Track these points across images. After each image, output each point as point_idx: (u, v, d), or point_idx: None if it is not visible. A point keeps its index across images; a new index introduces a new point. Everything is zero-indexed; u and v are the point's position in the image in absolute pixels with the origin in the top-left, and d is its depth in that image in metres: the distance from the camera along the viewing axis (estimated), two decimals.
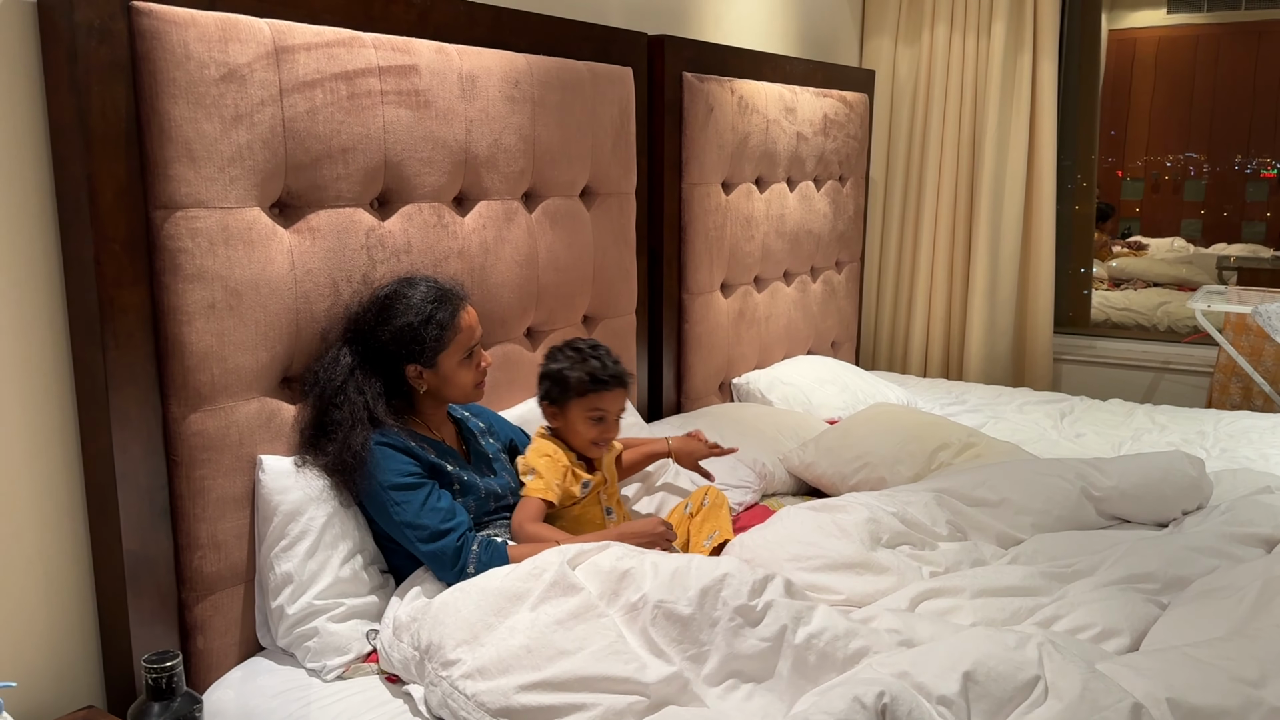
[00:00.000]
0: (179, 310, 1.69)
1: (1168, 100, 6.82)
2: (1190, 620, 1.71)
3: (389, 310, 1.87)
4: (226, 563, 1.80)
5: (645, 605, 1.61)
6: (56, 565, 1.70)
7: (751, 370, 3.36)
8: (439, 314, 1.88)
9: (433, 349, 1.88)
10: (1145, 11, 6.86)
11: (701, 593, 1.61)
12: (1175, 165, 6.75)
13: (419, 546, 1.81)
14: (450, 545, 1.80)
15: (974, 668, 1.39)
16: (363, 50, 1.95)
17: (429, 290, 1.90)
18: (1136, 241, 6.48)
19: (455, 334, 1.90)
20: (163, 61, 1.63)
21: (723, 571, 1.64)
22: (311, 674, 1.76)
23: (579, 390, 2.07)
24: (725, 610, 1.60)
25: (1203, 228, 6.74)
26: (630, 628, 1.61)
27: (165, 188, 1.66)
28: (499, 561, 1.82)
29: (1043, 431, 3.18)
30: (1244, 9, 6.64)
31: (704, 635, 1.59)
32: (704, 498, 2.21)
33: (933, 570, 2.00)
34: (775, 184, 3.40)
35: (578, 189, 2.59)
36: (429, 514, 1.81)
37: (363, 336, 1.88)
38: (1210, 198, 6.71)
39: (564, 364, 2.10)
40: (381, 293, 1.91)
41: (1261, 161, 6.43)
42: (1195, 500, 2.27)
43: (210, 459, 1.75)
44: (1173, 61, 6.83)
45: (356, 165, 1.96)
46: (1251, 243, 6.29)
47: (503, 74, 2.28)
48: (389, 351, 1.87)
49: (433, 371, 1.91)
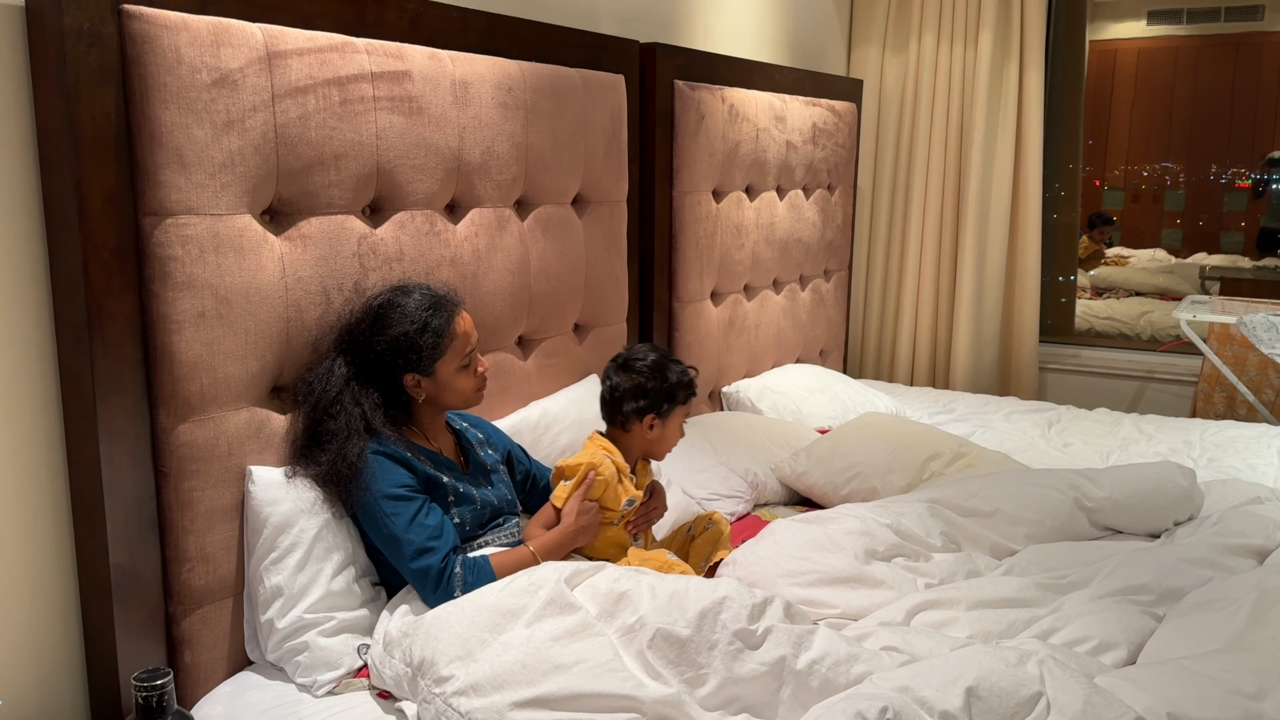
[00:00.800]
0: (168, 319, 1.66)
1: (1147, 111, 6.88)
2: (1186, 633, 1.71)
3: (384, 319, 1.85)
4: (215, 575, 1.77)
5: (642, 627, 1.58)
6: (40, 578, 1.66)
7: (741, 379, 3.35)
8: (434, 321, 1.85)
9: (430, 357, 1.86)
10: (1126, 23, 6.93)
11: (700, 615, 1.58)
12: (1154, 175, 6.81)
13: (405, 563, 1.78)
14: (434, 564, 1.77)
15: (976, 683, 1.38)
16: (355, 56, 1.93)
17: (423, 298, 1.87)
18: (1119, 255, 6.56)
19: (452, 340, 1.88)
20: (154, 66, 1.61)
21: (721, 594, 1.62)
22: (302, 689, 1.73)
23: (683, 399, 2.10)
24: (724, 633, 1.57)
25: (1183, 237, 6.80)
26: (626, 650, 1.59)
27: (155, 194, 1.63)
28: (485, 580, 1.79)
29: (1031, 441, 3.18)
30: (1223, 21, 6.71)
31: (702, 658, 1.55)
32: (706, 523, 2.20)
33: (927, 582, 1.99)
34: (765, 192, 3.39)
35: (569, 197, 2.57)
36: (416, 529, 1.78)
37: (358, 346, 1.86)
38: (1189, 208, 6.77)
39: (660, 377, 2.07)
40: (375, 302, 1.88)
41: (1236, 171, 6.50)
42: (1187, 511, 2.28)
43: (199, 470, 1.72)
44: (1152, 72, 6.89)
45: (349, 172, 1.93)
46: (1230, 252, 6.36)
47: (495, 81, 2.26)
48: (385, 361, 1.85)
49: (431, 380, 1.88)
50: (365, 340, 1.85)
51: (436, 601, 1.76)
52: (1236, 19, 6.60)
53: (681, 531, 2.22)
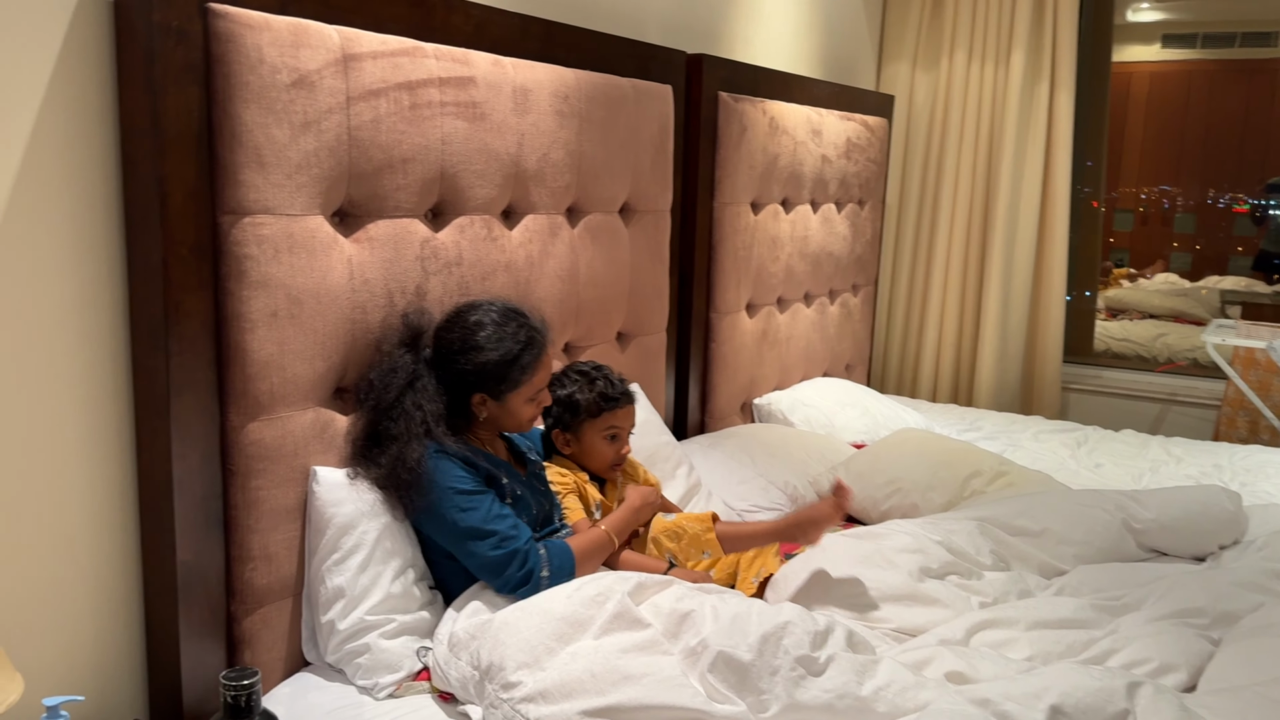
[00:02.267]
0: (242, 317, 1.66)
1: (1159, 134, 6.92)
2: (1247, 657, 1.71)
3: (475, 339, 1.85)
4: (276, 575, 1.76)
5: (705, 650, 1.57)
6: (106, 575, 1.66)
7: (772, 391, 3.36)
8: (525, 358, 1.87)
9: (509, 388, 1.88)
10: (1140, 46, 6.97)
11: (762, 639, 1.57)
12: (1158, 197, 6.84)
13: (485, 553, 1.78)
14: (520, 549, 1.78)
15: (1061, 700, 1.38)
16: (425, 60, 1.94)
17: (519, 329, 1.88)
18: (1130, 273, 6.59)
19: (533, 376, 1.90)
20: (237, 65, 1.61)
21: (784, 619, 1.61)
22: (362, 691, 1.73)
23: (592, 411, 2.11)
24: (786, 659, 1.55)
25: (1193, 261, 6.83)
26: (690, 672, 1.59)
27: (234, 193, 1.63)
28: (568, 563, 1.82)
29: (1061, 461, 3.19)
30: (1237, 46, 6.76)
31: (764, 683, 1.54)
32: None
33: (981, 600, 1.99)
34: (800, 205, 3.40)
35: (618, 205, 2.58)
36: (497, 520, 1.79)
37: (440, 358, 1.87)
38: (1200, 231, 6.81)
39: (572, 388, 2.13)
40: (471, 317, 1.88)
41: (1234, 196, 6.54)
42: (1233, 535, 2.29)
43: (266, 469, 1.72)
44: (1165, 96, 6.93)
45: (415, 175, 1.94)
46: (1238, 275, 6.39)
47: (553, 88, 2.26)
48: (463, 379, 1.86)
49: (498, 404, 1.89)
50: (449, 353, 1.86)
51: (519, 587, 1.76)
52: (1251, 44, 6.64)
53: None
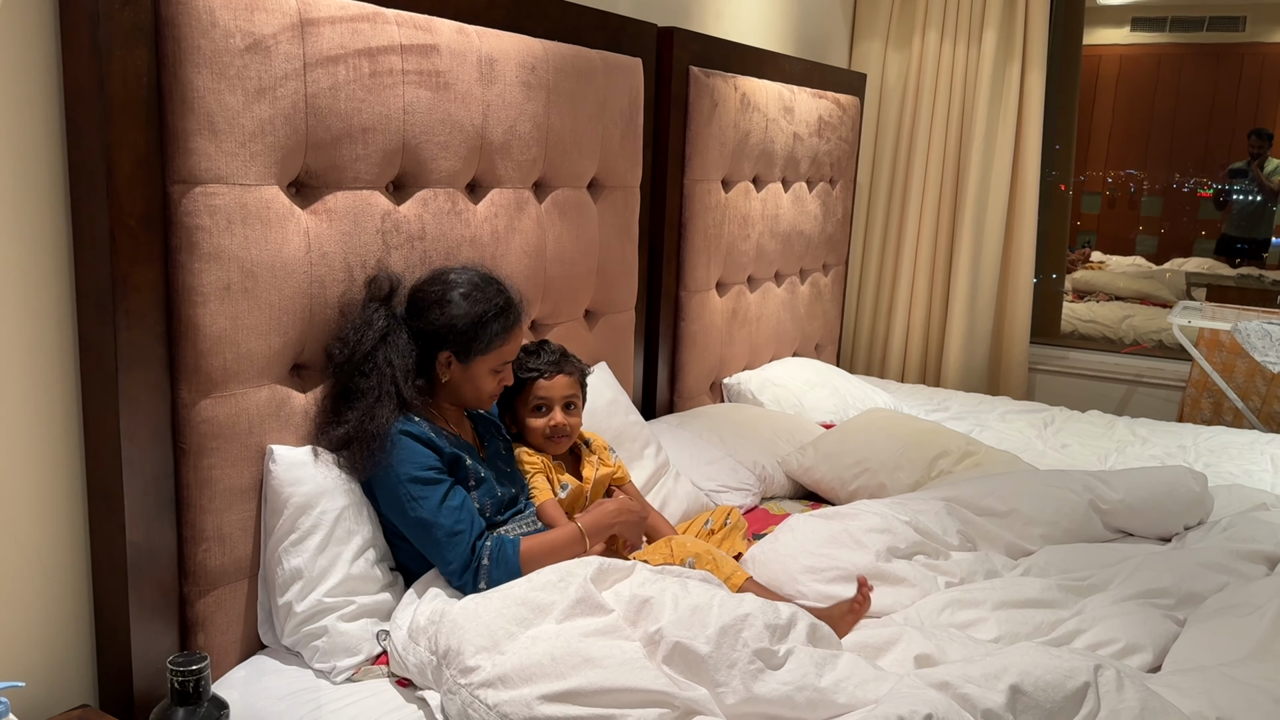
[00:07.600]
0: (194, 291, 1.60)
1: (1128, 117, 6.95)
2: (1212, 638, 1.71)
3: (452, 296, 1.84)
4: (231, 557, 1.72)
5: (662, 640, 1.55)
6: (53, 556, 1.61)
7: (741, 370, 3.33)
8: (496, 324, 1.85)
9: (476, 349, 1.84)
10: (1109, 29, 6.99)
11: (721, 631, 1.53)
12: (1125, 180, 6.88)
13: (435, 548, 1.75)
14: (464, 546, 1.75)
15: (1020, 679, 1.36)
16: (386, 27, 1.88)
17: (497, 294, 1.87)
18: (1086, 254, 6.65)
19: (501, 346, 1.87)
20: (188, 27, 1.55)
21: (744, 611, 1.57)
22: (319, 675, 1.69)
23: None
24: (745, 652, 1.52)
25: (1159, 244, 6.89)
26: (650, 659, 1.56)
27: (185, 161, 1.57)
28: (512, 562, 1.76)
29: (1028, 441, 3.19)
30: (1205, 30, 6.79)
31: (720, 675, 1.50)
32: (725, 517, 2.18)
33: (948, 581, 1.99)
34: (771, 184, 3.37)
35: (586, 180, 2.53)
36: (446, 513, 1.75)
37: (413, 312, 1.85)
38: (1166, 214, 6.86)
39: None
40: (450, 275, 1.87)
41: (1199, 181, 6.59)
42: (1198, 515, 2.29)
43: (219, 448, 1.67)
44: (1134, 79, 6.96)
45: (375, 146, 1.88)
46: (1202, 258, 6.45)
47: (520, 59, 2.21)
48: (433, 332, 1.83)
49: (462, 367, 1.86)
50: (424, 305, 1.84)
51: (462, 583, 1.74)
52: (1219, 29, 6.68)
53: (699, 524, 2.20)
